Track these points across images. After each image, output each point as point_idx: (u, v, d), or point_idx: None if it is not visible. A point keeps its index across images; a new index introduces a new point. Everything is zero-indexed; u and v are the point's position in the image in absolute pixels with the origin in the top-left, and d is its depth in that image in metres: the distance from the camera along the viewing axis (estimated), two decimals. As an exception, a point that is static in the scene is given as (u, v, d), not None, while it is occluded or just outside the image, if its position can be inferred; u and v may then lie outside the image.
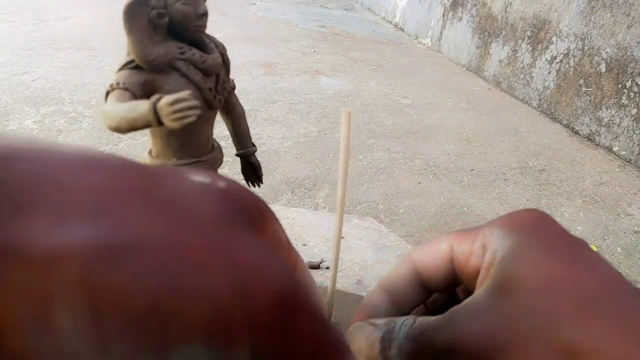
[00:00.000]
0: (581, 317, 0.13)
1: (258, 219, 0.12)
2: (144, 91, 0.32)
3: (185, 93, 0.27)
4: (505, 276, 0.15)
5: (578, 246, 0.15)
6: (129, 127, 0.29)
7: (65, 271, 0.08)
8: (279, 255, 0.11)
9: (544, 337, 0.13)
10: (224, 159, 0.40)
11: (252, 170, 0.44)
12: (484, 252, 0.17)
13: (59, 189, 0.08)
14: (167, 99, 0.27)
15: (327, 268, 0.45)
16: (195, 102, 0.27)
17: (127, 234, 0.08)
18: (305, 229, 0.51)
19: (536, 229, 0.16)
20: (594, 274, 0.14)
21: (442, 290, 0.20)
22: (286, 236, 0.15)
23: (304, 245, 0.49)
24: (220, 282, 0.09)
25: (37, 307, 0.08)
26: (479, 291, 0.15)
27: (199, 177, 0.11)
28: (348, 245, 0.49)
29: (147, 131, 0.31)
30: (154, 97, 0.27)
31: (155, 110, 0.27)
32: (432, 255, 0.19)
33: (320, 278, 0.44)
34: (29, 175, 0.08)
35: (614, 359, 0.12)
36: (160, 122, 0.27)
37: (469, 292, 0.17)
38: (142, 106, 0.28)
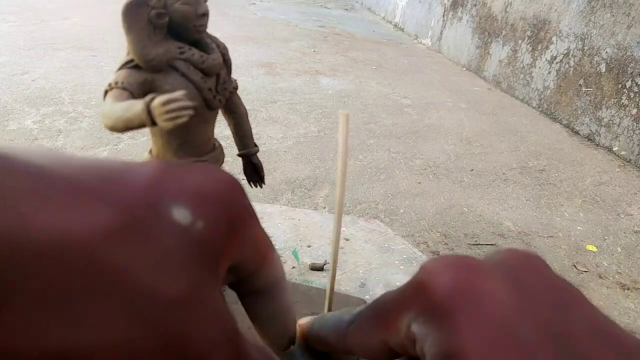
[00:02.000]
0: None
1: (223, 248, 0.13)
2: (143, 91, 0.32)
3: (178, 93, 0.27)
4: None
5: (509, 311, 0.13)
6: (124, 126, 0.28)
7: None
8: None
9: None
10: (225, 158, 0.40)
11: (254, 171, 0.44)
12: (412, 343, 0.14)
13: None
14: (160, 98, 0.26)
15: (330, 269, 0.45)
16: (188, 102, 0.27)
17: None
18: (311, 230, 0.51)
19: (453, 311, 0.13)
20: None
21: None
22: (257, 233, 0.15)
23: (309, 246, 0.49)
24: None
25: None
26: None
27: (180, 213, 0.12)
28: (352, 247, 0.49)
29: (147, 131, 0.31)
30: (147, 97, 0.27)
31: (148, 110, 0.27)
32: (369, 351, 0.17)
33: (323, 280, 0.44)
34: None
35: None
36: (154, 122, 0.27)
37: None
38: (136, 106, 0.28)
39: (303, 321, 0.24)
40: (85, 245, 0.10)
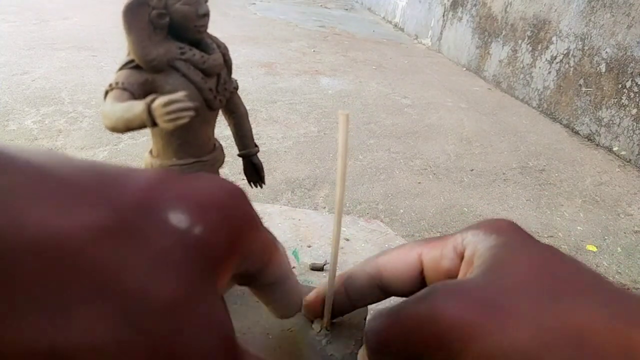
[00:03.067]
0: (562, 297, 0.14)
1: (225, 253, 0.13)
2: (143, 91, 0.32)
3: (180, 94, 0.27)
4: (497, 262, 0.16)
5: (546, 246, 0.18)
6: (125, 127, 0.29)
7: None
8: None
9: (527, 315, 0.14)
10: (225, 158, 0.40)
11: (254, 171, 0.44)
12: (456, 254, 0.18)
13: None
14: (161, 99, 0.27)
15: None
16: (189, 104, 0.27)
17: None
18: (311, 230, 0.51)
19: (512, 231, 0.19)
20: (569, 266, 0.16)
21: (402, 295, 0.20)
22: (260, 238, 0.15)
23: (309, 246, 0.49)
24: None
25: None
26: (471, 274, 0.17)
27: (177, 217, 0.12)
28: (353, 247, 0.49)
29: (147, 131, 0.31)
30: (148, 98, 0.27)
31: (149, 110, 0.27)
32: (399, 262, 0.20)
33: (323, 280, 0.44)
34: None
35: (603, 334, 0.13)
36: (154, 123, 0.27)
37: None
38: (137, 107, 0.28)
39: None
40: (76, 245, 0.09)
